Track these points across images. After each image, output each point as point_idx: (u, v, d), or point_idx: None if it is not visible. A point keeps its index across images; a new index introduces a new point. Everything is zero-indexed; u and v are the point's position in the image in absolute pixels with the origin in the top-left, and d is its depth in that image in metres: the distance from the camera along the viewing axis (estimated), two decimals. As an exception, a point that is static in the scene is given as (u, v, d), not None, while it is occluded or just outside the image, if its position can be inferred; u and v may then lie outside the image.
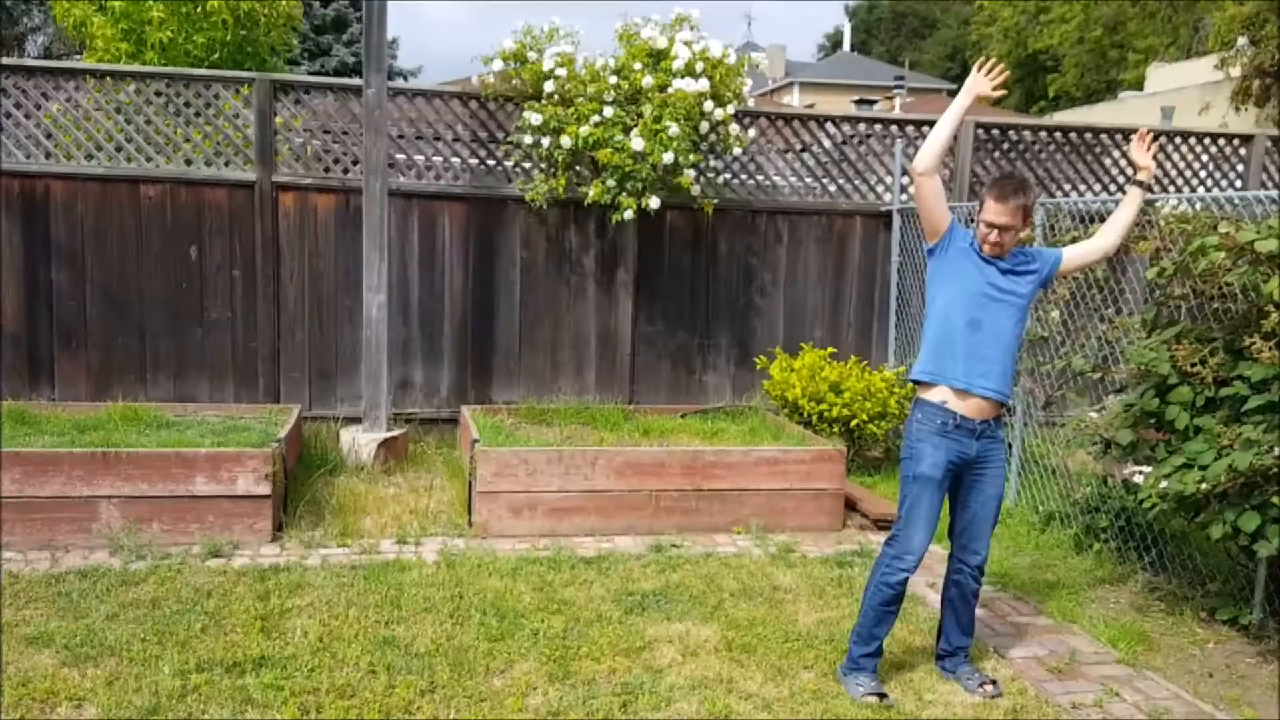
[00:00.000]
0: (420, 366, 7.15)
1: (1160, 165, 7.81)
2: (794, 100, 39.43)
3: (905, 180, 7.53)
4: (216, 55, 8.85)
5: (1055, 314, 5.70)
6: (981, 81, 3.52)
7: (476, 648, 3.79)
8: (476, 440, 5.44)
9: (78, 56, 15.33)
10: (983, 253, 3.50)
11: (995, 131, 7.69)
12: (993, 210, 3.44)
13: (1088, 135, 7.82)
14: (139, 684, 3.38)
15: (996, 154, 7.68)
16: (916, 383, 3.62)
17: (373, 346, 6.36)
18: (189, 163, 6.70)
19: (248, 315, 6.86)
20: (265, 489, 4.97)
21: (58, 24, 11.15)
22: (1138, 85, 26.67)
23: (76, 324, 6.67)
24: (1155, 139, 3.73)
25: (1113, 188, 7.80)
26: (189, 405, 6.50)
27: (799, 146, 7.49)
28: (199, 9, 8.77)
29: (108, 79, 6.60)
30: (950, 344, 3.51)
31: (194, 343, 6.82)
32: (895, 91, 31.30)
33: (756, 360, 7.26)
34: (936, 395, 3.52)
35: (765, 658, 3.82)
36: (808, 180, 7.55)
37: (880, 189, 7.62)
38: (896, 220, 7.52)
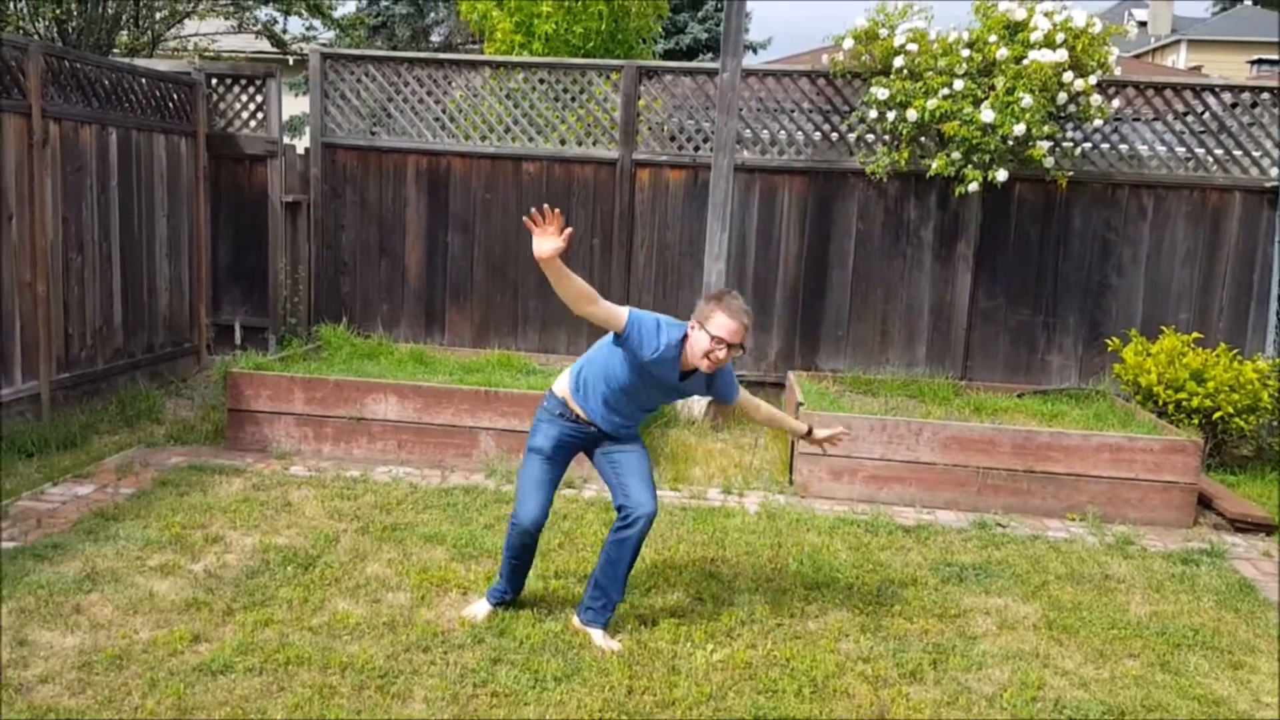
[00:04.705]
0: (750, 332, 7.47)
1: None
2: (1179, 59, 35.31)
3: (1302, 150, 6.67)
4: (591, 44, 9.76)
5: None
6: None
7: (793, 592, 4.04)
8: (801, 404, 5.67)
9: (474, 46, 17.34)
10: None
11: None
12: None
13: None
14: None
15: None
16: None
17: (711, 311, 6.78)
18: (563, 142, 7.52)
19: (603, 279, 7.58)
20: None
21: (459, 18, 12.72)
22: None
23: (464, 282, 7.75)
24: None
25: None
26: (550, 355, 7.35)
27: (1170, 115, 6.88)
28: (580, 3, 9.70)
29: (501, 69, 7.57)
30: None
31: (557, 303, 7.55)
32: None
33: (1108, 342, 6.82)
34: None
35: (1087, 640, 3.72)
36: (1179, 151, 6.92)
37: (1266, 163, 6.80)
38: (1288, 195, 6.68)
